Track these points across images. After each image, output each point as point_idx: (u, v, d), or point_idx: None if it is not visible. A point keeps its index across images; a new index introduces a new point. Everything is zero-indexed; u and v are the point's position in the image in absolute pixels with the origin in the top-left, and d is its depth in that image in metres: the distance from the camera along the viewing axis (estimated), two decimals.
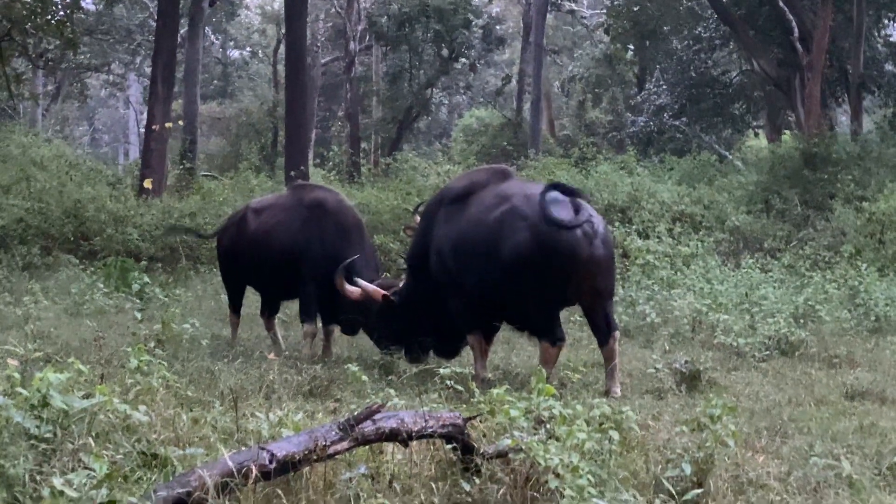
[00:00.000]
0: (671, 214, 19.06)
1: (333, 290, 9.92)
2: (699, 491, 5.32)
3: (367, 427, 5.06)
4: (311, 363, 9.31)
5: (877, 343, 11.05)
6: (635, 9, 35.14)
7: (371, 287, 9.79)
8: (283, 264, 10.54)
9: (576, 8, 42.08)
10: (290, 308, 12.31)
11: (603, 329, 8.74)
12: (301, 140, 23.42)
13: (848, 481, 5.74)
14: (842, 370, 9.77)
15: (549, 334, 8.55)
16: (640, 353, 10.72)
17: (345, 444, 4.99)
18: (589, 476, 4.97)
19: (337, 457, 5.04)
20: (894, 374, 9.49)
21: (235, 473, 4.53)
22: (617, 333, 8.86)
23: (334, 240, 10.36)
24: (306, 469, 4.95)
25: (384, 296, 9.71)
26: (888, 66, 30.77)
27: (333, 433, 4.97)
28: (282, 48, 30.33)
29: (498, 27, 37.66)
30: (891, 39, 33.38)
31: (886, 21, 32.68)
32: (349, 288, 9.82)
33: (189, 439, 5.46)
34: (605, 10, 38.81)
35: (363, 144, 37.13)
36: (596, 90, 41.48)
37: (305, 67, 24.83)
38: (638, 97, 37.06)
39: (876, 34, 31.54)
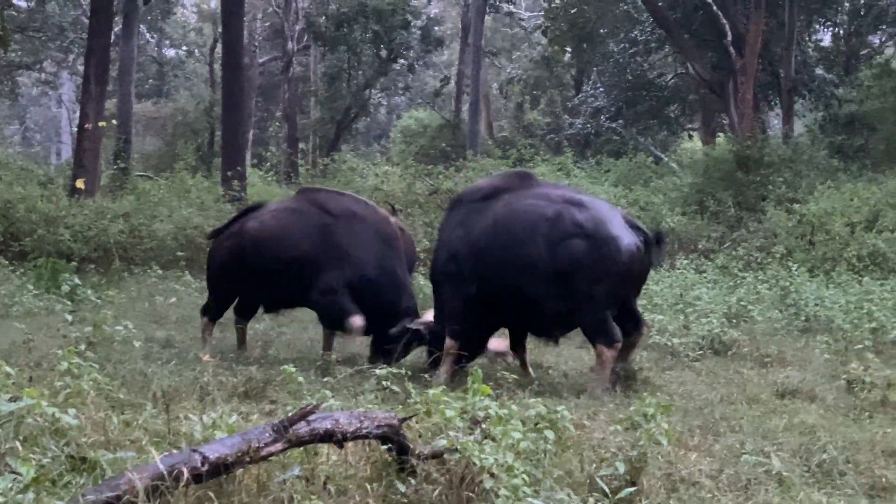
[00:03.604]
0: None
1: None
2: (633, 489, 5.36)
3: (302, 428, 5.00)
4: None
5: (807, 342, 11.21)
6: (572, 11, 35.38)
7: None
8: (301, 271, 10.10)
9: (514, 10, 42.24)
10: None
11: (636, 321, 9.08)
12: (238, 140, 23.24)
13: (778, 478, 5.83)
14: (773, 369, 9.90)
15: (606, 336, 8.67)
16: (577, 353, 10.78)
17: (278, 446, 4.93)
18: (524, 476, 4.97)
19: (271, 459, 4.98)
20: (823, 373, 9.63)
21: (166, 476, 4.44)
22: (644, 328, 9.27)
23: (373, 246, 10.12)
24: (239, 471, 4.89)
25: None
26: (819, 71, 31.33)
27: (267, 435, 4.91)
28: (218, 47, 30.04)
29: (436, 28, 37.69)
30: (821, 44, 34.02)
31: (817, 26, 33.31)
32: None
33: (120, 442, 5.36)
34: (542, 13, 39.02)
35: (301, 145, 36.98)
36: (534, 92, 41.72)
37: (243, 67, 24.64)
38: (575, 99, 37.36)
39: (807, 39, 32.11)
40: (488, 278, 9.04)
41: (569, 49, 39.44)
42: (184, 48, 46.84)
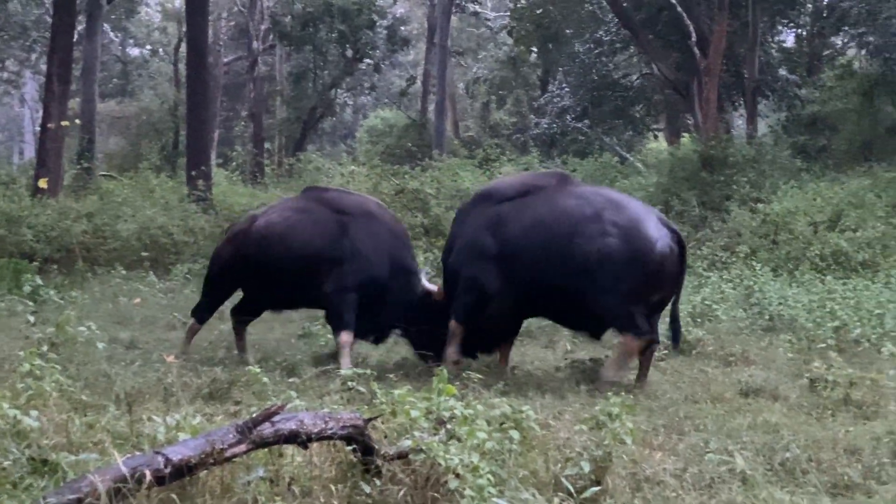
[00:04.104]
0: None
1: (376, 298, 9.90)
2: (597, 488, 5.38)
3: (266, 429, 4.99)
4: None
5: (770, 341, 11.28)
6: (538, 12, 35.45)
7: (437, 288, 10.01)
8: (312, 271, 10.00)
9: (480, 10, 42.26)
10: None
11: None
12: (203, 140, 23.10)
13: (741, 477, 5.87)
14: (737, 368, 9.95)
15: (634, 328, 8.98)
16: (542, 353, 10.81)
17: (242, 447, 4.91)
18: (489, 476, 4.98)
19: (235, 460, 4.96)
20: (787, 372, 9.70)
21: (129, 479, 4.42)
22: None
23: (388, 245, 10.12)
24: (203, 473, 4.86)
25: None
26: (782, 72, 31.56)
27: (231, 436, 4.89)
28: (183, 46, 29.87)
29: (402, 28, 37.68)
30: (784, 46, 34.28)
31: (780, 28, 33.56)
32: (435, 288, 9.99)
33: (82, 444, 5.31)
34: (508, 13, 39.07)
35: (267, 144, 36.81)
36: (500, 92, 41.79)
37: (207, 66, 24.49)
38: (541, 99, 37.44)
39: (770, 40, 32.34)
40: (524, 275, 9.29)
41: (534, 49, 39.51)
42: (148, 47, 46.53)
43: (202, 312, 10.69)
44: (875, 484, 6.09)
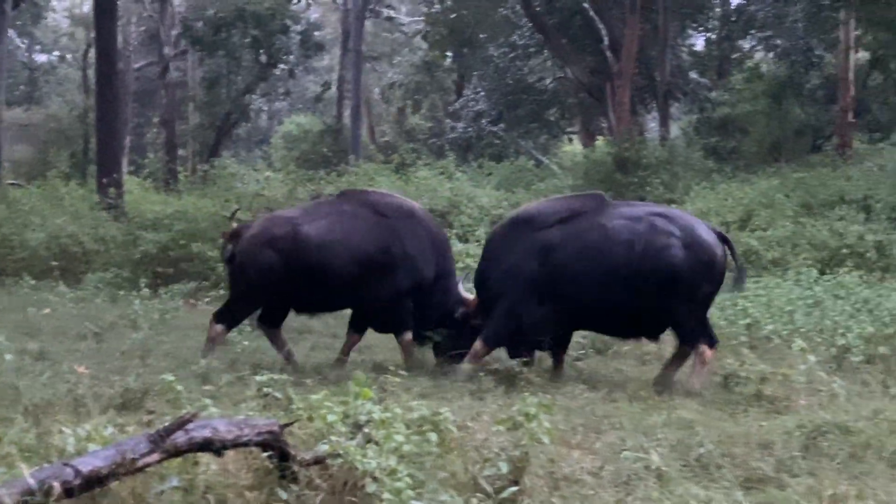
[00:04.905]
0: (490, 218, 19.35)
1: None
2: (515, 488, 5.39)
3: (179, 438, 4.90)
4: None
5: None
6: (452, 16, 35.55)
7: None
8: (363, 275, 10.07)
9: (394, 15, 42.27)
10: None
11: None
12: (113, 147, 22.71)
13: (657, 473, 5.93)
14: (653, 366, 10.07)
15: (708, 336, 9.26)
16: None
17: (155, 457, 4.82)
18: (407, 478, 4.96)
19: (147, 470, 4.87)
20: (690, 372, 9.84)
21: (36, 491, 4.32)
22: None
23: (432, 248, 10.26)
24: (115, 484, 4.77)
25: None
26: (693, 75, 32.11)
27: (143, 446, 4.80)
28: (92, 52, 29.33)
29: (317, 33, 37.40)
30: (695, 49, 34.89)
31: (691, 31, 34.15)
32: (470, 297, 10.06)
33: None
34: (423, 18, 39.13)
35: (180, 151, 36.31)
36: (415, 97, 41.81)
37: (117, 72, 24.12)
38: (457, 104, 37.53)
39: (681, 44, 32.88)
40: (578, 299, 9.42)
41: (449, 54, 39.62)
42: (56, 53, 45.65)
43: (231, 320, 10.49)
44: (787, 477, 6.18)
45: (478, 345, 9.67)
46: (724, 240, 9.59)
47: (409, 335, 10.16)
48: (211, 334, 10.44)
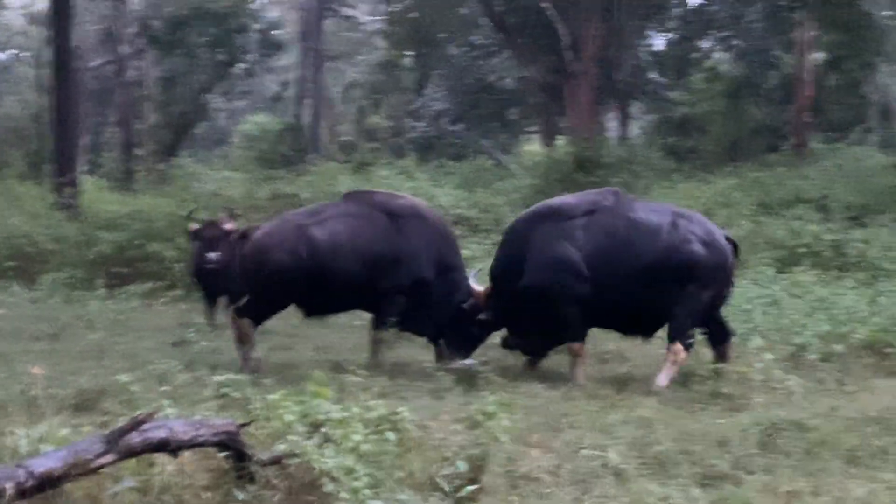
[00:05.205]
0: (450, 218, 19.31)
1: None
2: (474, 487, 5.38)
3: (134, 438, 4.85)
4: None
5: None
6: (412, 15, 35.50)
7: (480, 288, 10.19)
8: (373, 275, 10.15)
9: (353, 14, 42.14)
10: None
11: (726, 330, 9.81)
12: (70, 146, 22.44)
13: (615, 471, 5.95)
14: (612, 365, 10.11)
15: (687, 338, 9.36)
16: (420, 354, 10.79)
17: (110, 458, 4.77)
18: (365, 478, 4.94)
19: (102, 471, 4.82)
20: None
21: None
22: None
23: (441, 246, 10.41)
24: (69, 485, 4.71)
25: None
26: (652, 75, 32.29)
27: (97, 446, 4.75)
28: (47, 51, 28.99)
29: (276, 32, 37.26)
30: (654, 49, 35.09)
31: (650, 32, 34.34)
32: (479, 289, 10.14)
33: None
34: (382, 17, 39.06)
35: (137, 150, 35.96)
36: (376, 96, 41.70)
37: (73, 71, 23.83)
38: (417, 103, 37.49)
39: (641, 44, 33.04)
40: (602, 288, 9.49)
41: (409, 53, 39.56)
42: (10, 52, 45.09)
43: (256, 313, 10.37)
44: (743, 474, 6.23)
45: (575, 346, 9.68)
46: (733, 244, 9.83)
47: (385, 332, 10.21)
48: (238, 332, 10.31)
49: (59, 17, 22.10)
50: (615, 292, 9.50)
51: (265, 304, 10.42)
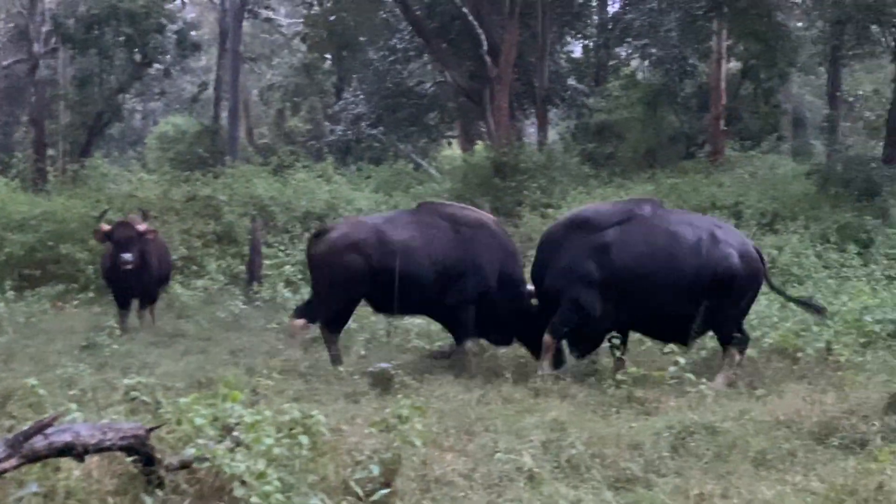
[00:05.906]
0: None
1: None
2: (387, 491, 5.36)
3: (38, 442, 4.74)
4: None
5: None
6: (332, 19, 35.35)
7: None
8: (440, 283, 10.51)
9: (273, 16, 41.82)
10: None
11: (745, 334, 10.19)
12: None
13: (528, 474, 5.97)
14: (528, 369, 10.14)
15: (741, 341, 9.89)
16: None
17: (13, 462, 4.66)
18: (277, 482, 4.89)
19: (5, 476, 4.71)
20: (576, 371, 9.96)
21: None
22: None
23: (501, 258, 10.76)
24: None
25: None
26: (571, 81, 32.53)
27: (0, 450, 4.63)
28: None
29: (193, 33, 36.70)
30: (573, 56, 35.39)
31: (569, 38, 34.62)
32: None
33: None
34: (302, 20, 38.82)
35: (50, 151, 35.25)
36: (294, 99, 41.44)
37: None
38: (336, 106, 37.30)
39: (559, 50, 33.28)
40: (634, 298, 9.83)
41: (329, 56, 39.38)
42: None
43: (336, 323, 10.68)
44: (655, 477, 6.30)
45: (546, 339, 10.11)
46: (759, 255, 10.20)
47: (468, 343, 10.59)
48: (292, 330, 10.83)
49: None
50: (652, 302, 9.83)
51: (348, 303, 10.75)
